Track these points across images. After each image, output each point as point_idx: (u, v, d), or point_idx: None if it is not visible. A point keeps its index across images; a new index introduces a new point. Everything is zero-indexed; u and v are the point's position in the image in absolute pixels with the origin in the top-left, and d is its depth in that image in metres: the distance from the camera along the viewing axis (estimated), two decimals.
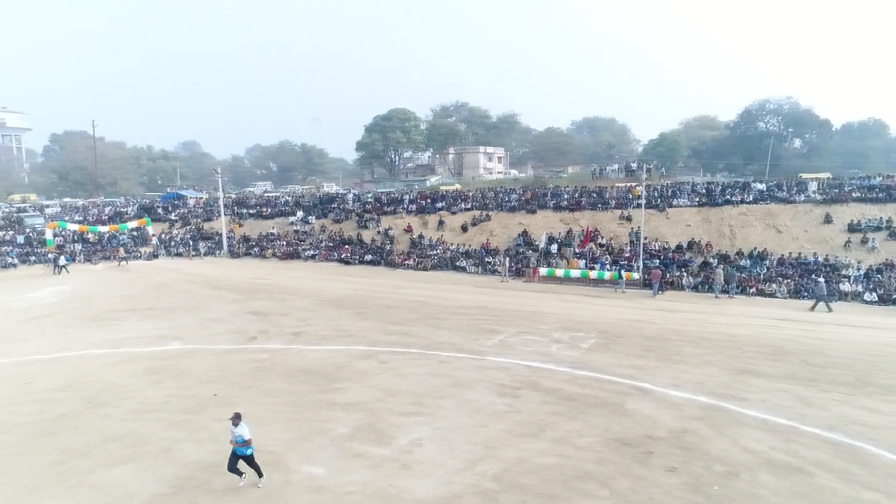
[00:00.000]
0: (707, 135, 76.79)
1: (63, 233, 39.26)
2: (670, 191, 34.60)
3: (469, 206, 38.54)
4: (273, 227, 41.73)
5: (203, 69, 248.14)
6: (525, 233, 33.53)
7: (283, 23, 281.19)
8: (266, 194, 58.49)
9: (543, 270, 29.07)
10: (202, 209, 47.08)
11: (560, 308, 22.30)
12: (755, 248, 27.54)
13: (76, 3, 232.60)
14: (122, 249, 37.79)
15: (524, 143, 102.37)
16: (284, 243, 39.18)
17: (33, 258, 36.36)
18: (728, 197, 31.99)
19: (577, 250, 30.50)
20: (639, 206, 29.59)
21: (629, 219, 32.24)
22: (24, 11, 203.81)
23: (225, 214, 42.13)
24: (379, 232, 38.14)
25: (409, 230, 37.42)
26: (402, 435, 10.49)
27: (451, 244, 34.86)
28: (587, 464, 9.37)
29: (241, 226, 43.08)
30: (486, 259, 32.15)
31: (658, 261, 27.97)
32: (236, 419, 8.60)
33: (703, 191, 33.59)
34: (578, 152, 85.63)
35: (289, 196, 51.75)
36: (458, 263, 32.59)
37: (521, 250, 32.17)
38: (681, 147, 69.74)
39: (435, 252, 34.23)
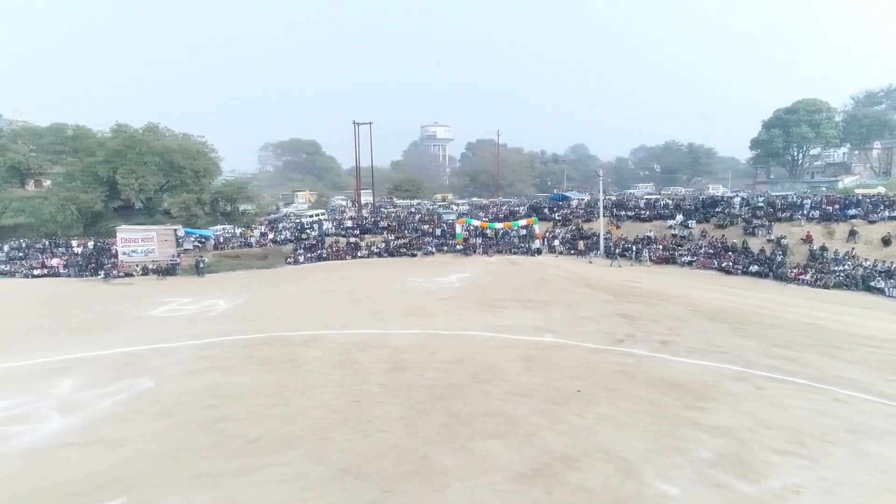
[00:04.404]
0: None
1: (468, 228, 46.14)
2: None
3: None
4: (650, 230, 41.16)
5: (592, 73, 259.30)
6: None
7: (683, 21, 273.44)
8: (646, 196, 58.09)
9: None
10: (583, 210, 49.39)
11: None
12: None
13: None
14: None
15: None
16: (660, 247, 38.29)
17: (445, 248, 43.74)
18: None
19: None
20: None
21: None
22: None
23: (604, 216, 43.37)
24: (769, 240, 34.07)
25: (807, 240, 32.43)
26: (775, 475, 9.20)
27: (865, 259, 28.89)
28: None
29: (618, 227, 43.74)
30: None
31: None
32: None
33: None
34: None
35: (669, 198, 50.35)
36: (872, 284, 26.84)
37: None
38: None
39: (841, 268, 28.87)
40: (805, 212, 35.54)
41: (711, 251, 35.53)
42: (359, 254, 43.18)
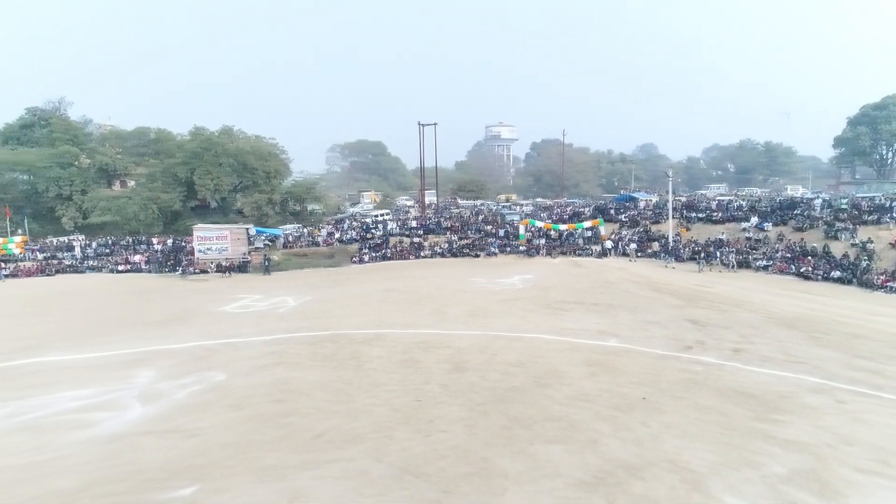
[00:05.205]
0: None
1: (532, 229, 45.71)
2: None
3: None
4: (722, 233, 39.56)
5: (663, 72, 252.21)
6: None
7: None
8: (718, 197, 55.92)
9: None
10: (651, 211, 48.02)
11: None
12: None
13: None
14: None
15: None
16: (733, 251, 36.75)
17: (508, 249, 43.50)
18: None
19: None
20: None
21: None
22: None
23: (673, 217, 42.04)
24: (853, 244, 32.10)
25: None
26: (856, 495, 8.67)
27: None
28: None
29: (688, 230, 42.26)
30: None
31: None
32: None
33: None
34: None
35: (743, 200, 48.32)
36: None
37: None
38: None
39: None
40: (894, 214, 33.30)
41: (789, 255, 33.78)
42: (422, 254, 43.48)
